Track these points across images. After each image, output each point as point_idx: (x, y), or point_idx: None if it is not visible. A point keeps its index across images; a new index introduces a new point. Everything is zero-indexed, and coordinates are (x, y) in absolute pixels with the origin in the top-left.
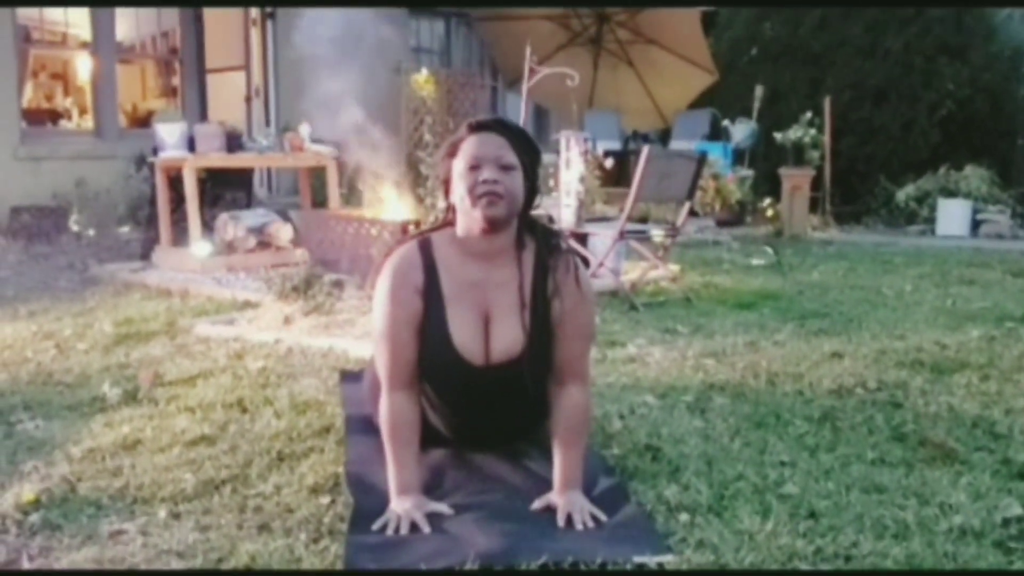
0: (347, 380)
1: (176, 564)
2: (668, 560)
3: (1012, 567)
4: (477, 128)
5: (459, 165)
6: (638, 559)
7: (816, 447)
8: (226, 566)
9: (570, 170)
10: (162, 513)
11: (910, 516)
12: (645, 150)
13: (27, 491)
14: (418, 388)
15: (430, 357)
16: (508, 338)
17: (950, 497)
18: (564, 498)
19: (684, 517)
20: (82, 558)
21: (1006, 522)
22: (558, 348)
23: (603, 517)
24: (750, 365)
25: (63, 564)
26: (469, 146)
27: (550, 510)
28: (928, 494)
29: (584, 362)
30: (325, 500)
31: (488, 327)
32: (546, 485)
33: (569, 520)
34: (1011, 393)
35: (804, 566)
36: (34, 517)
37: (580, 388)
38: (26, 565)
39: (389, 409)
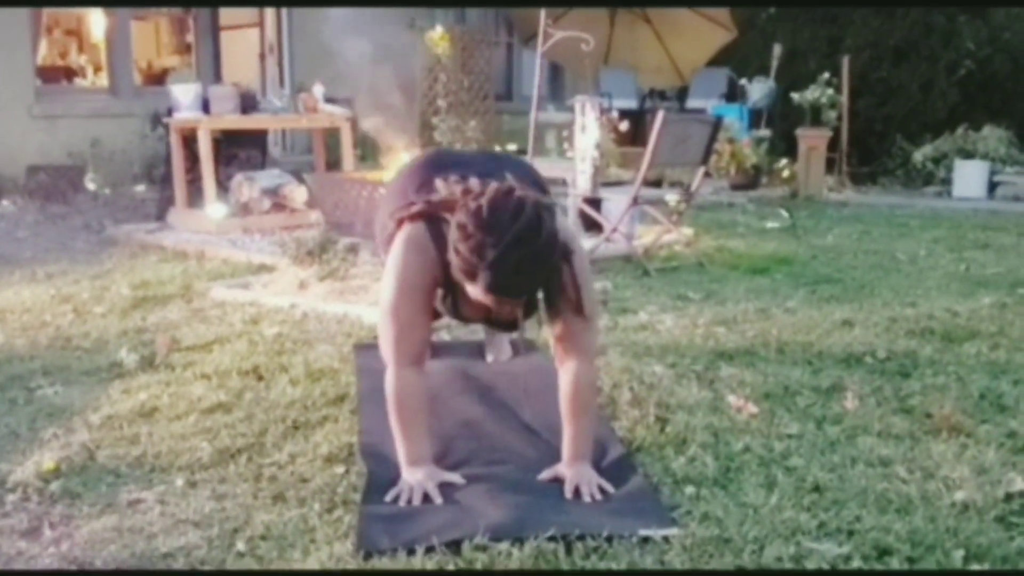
0: (360, 351)
1: (193, 533)
2: (673, 533)
3: (1012, 543)
4: (498, 291)
5: (471, 288)
6: (644, 532)
7: (823, 419)
8: (241, 536)
9: (585, 135)
10: (179, 482)
11: (913, 490)
12: (660, 115)
13: (48, 459)
14: (425, 363)
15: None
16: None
17: (954, 471)
18: (572, 470)
19: (690, 490)
20: (101, 526)
21: (1008, 497)
22: (560, 329)
23: (611, 489)
24: (760, 333)
25: (83, 532)
26: (485, 296)
27: (559, 481)
28: (932, 468)
29: (586, 338)
30: (339, 470)
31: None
32: (556, 456)
33: (577, 492)
34: (1020, 363)
35: (807, 541)
36: (55, 485)
37: (584, 363)
38: (48, 533)
39: (397, 384)
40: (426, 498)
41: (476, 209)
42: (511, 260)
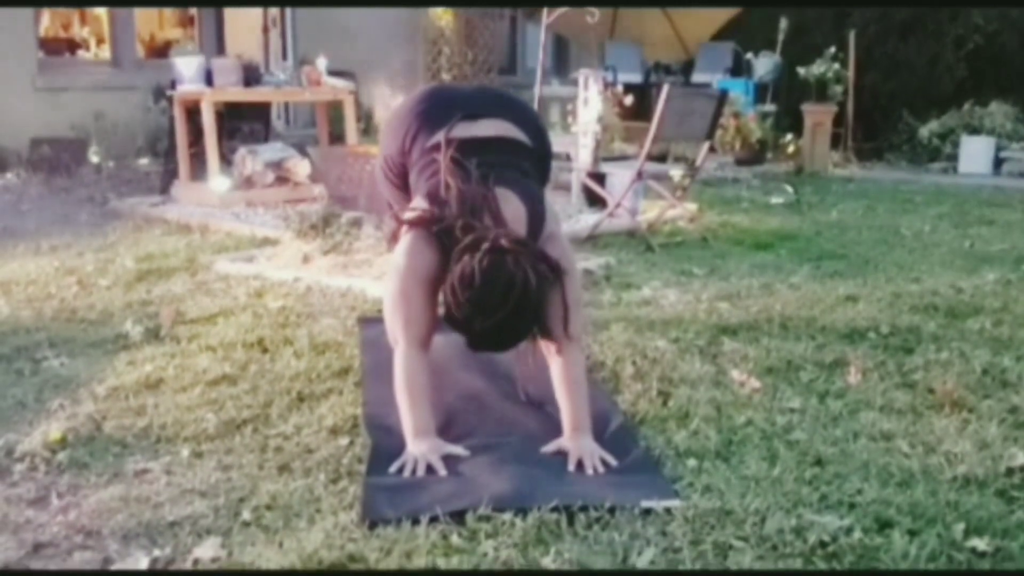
0: (365, 324)
1: (199, 503)
2: (675, 505)
3: (1012, 516)
4: (481, 350)
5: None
6: (646, 504)
7: (825, 393)
8: (247, 506)
9: (588, 109)
10: (185, 452)
11: (915, 464)
12: (665, 89)
13: (54, 429)
14: (430, 345)
15: None
16: None
17: (956, 445)
18: (574, 443)
19: (692, 462)
20: (108, 496)
21: (1010, 471)
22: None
23: (613, 462)
24: (764, 308)
25: (91, 502)
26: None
27: (562, 454)
28: (934, 442)
29: (571, 326)
30: (344, 441)
31: None
32: (559, 428)
33: (580, 465)
34: (1023, 339)
35: (809, 513)
36: (61, 455)
37: (571, 346)
38: (55, 502)
39: (406, 362)
40: (430, 470)
41: (469, 276)
42: (496, 334)
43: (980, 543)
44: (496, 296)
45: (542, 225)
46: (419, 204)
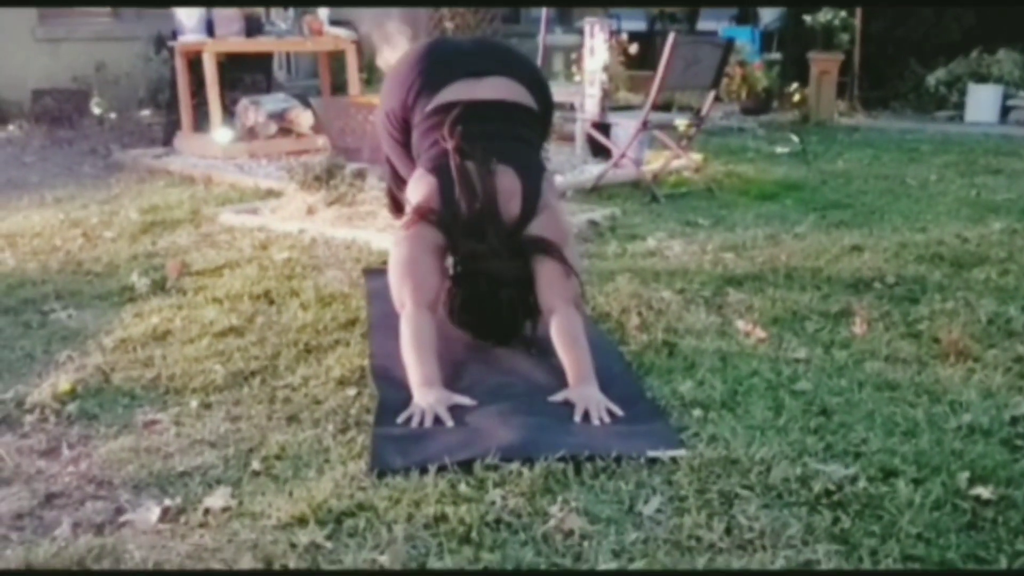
0: (370, 276)
1: (209, 453)
2: (681, 454)
3: (1017, 465)
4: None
5: None
6: (652, 453)
7: (831, 343)
8: (257, 456)
9: (594, 58)
10: (194, 403)
11: (920, 414)
12: (671, 37)
13: (63, 381)
14: (436, 309)
15: None
16: None
17: (961, 395)
18: (580, 394)
19: (697, 412)
20: (119, 446)
21: (1014, 420)
22: (544, 280)
23: (619, 412)
24: (769, 259)
25: (101, 452)
26: None
27: (568, 405)
28: (939, 392)
29: (567, 287)
30: (351, 392)
31: None
32: (565, 378)
33: (586, 415)
34: None
35: (814, 462)
36: (71, 407)
37: (567, 307)
38: (66, 452)
39: (413, 320)
40: (437, 420)
41: (460, 306)
42: (496, 338)
43: (984, 491)
44: (491, 324)
45: (538, 199)
46: (424, 179)
